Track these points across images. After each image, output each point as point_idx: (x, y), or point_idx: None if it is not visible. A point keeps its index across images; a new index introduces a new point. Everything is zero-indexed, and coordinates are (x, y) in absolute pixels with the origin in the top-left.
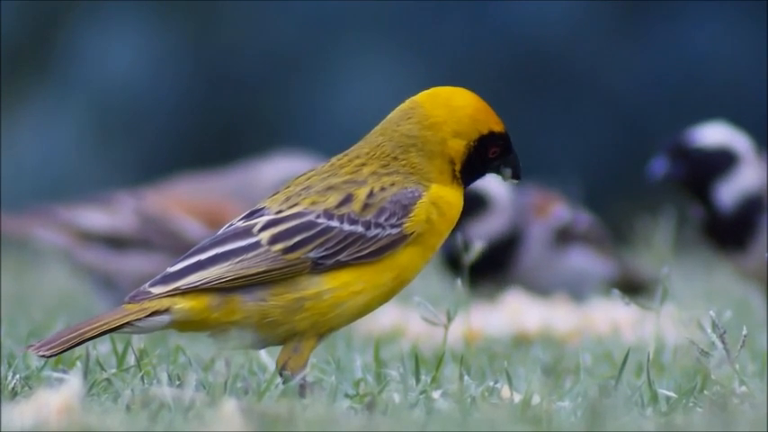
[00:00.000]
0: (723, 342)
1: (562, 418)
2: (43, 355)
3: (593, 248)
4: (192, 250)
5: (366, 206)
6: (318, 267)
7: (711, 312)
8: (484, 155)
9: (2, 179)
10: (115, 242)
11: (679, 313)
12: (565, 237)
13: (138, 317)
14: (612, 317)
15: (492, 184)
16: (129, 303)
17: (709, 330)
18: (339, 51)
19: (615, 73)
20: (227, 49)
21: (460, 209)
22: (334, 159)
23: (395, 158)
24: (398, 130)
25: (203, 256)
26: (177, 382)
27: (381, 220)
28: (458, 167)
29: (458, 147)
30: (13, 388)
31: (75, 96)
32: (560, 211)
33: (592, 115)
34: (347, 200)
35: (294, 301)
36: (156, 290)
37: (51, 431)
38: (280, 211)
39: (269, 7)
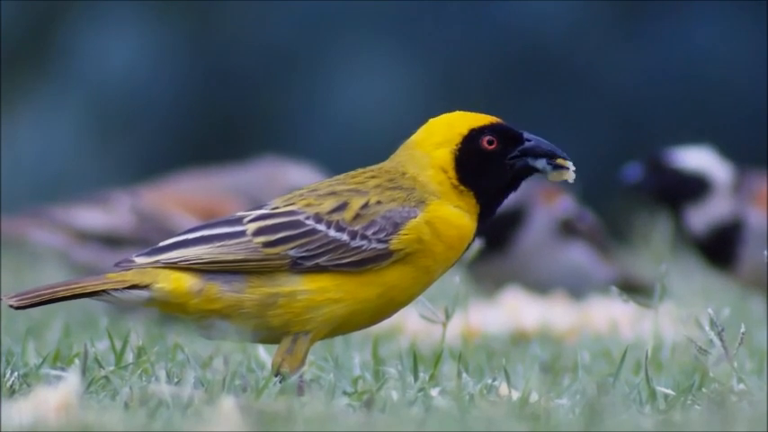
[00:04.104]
0: (721, 340)
1: (560, 416)
2: (11, 306)
3: (594, 249)
4: (185, 229)
5: (357, 216)
6: (297, 267)
7: (710, 310)
8: (480, 150)
9: (1, 176)
10: (112, 241)
11: (677, 311)
12: (568, 230)
13: (117, 287)
14: (611, 314)
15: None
16: (113, 272)
17: (707, 328)
18: (337, 49)
19: (614, 71)
20: (226, 46)
21: (467, 230)
22: (353, 171)
23: (402, 174)
24: (397, 157)
25: (190, 236)
26: (175, 380)
27: (369, 232)
28: (452, 175)
29: (442, 155)
30: (11, 386)
31: (73, 94)
32: (567, 203)
33: (590, 114)
34: (341, 207)
35: (269, 296)
36: (140, 260)
37: (50, 429)
38: (276, 207)
39: (267, 5)
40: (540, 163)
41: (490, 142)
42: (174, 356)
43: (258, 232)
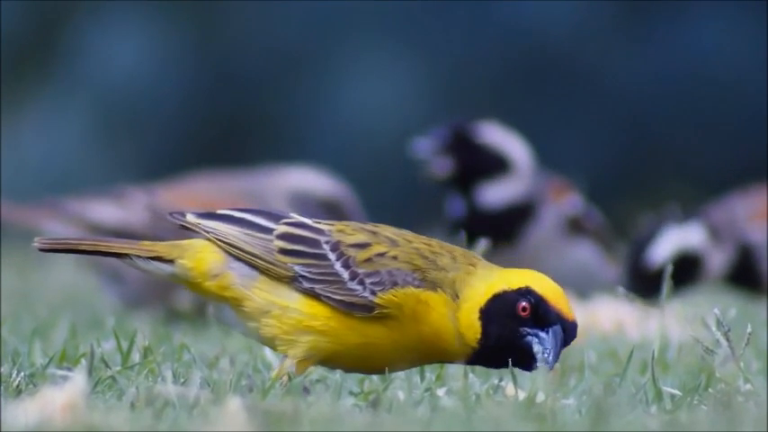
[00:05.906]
0: (728, 340)
1: (567, 416)
2: (36, 246)
3: (601, 249)
4: (246, 208)
5: (368, 261)
6: (296, 284)
7: (716, 310)
8: (512, 305)
9: (6, 176)
10: (125, 236)
11: (683, 311)
12: (576, 228)
13: (142, 255)
14: (617, 314)
15: (514, 146)
16: (147, 242)
17: (713, 328)
18: (342, 50)
19: (618, 72)
20: (231, 47)
21: (449, 346)
22: (427, 237)
23: (453, 258)
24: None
25: (237, 214)
26: (182, 380)
27: (368, 281)
28: (482, 300)
29: (495, 284)
30: (17, 386)
31: (79, 94)
32: (576, 200)
33: (595, 114)
34: (362, 246)
35: (267, 303)
36: (190, 217)
37: (56, 429)
38: (317, 221)
39: (273, 6)
40: (538, 348)
41: (524, 309)
42: (181, 357)
43: (282, 236)
